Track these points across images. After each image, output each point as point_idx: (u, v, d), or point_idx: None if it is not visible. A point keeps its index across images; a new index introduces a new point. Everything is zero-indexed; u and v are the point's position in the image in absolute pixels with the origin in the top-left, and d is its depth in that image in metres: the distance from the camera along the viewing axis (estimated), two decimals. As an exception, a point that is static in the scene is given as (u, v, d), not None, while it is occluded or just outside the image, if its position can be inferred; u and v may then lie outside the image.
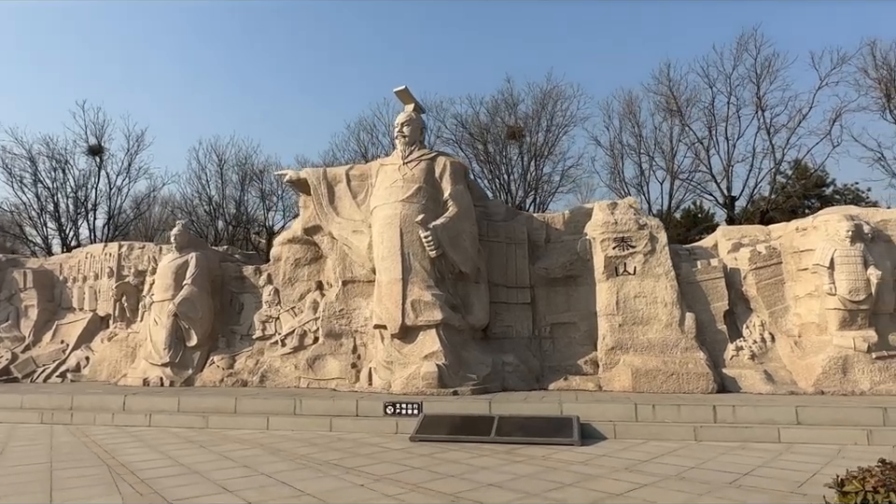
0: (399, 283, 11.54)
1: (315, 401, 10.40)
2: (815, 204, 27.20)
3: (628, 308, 12.21)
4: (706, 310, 12.36)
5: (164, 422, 10.39)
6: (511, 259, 13.21)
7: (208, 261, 14.26)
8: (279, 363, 13.38)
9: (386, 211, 11.92)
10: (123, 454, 7.91)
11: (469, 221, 12.23)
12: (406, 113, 12.71)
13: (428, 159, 12.33)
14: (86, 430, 9.98)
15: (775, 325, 12.27)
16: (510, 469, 6.85)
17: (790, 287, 12.43)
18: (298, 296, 14.01)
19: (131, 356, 15.14)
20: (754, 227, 14.04)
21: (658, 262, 12.31)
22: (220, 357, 13.64)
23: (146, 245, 16.99)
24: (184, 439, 9.05)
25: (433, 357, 11.16)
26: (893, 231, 12.08)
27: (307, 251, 14.15)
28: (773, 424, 8.70)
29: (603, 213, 12.82)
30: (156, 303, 13.90)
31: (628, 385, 11.32)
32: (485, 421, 9.10)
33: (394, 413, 9.88)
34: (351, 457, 7.60)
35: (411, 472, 6.74)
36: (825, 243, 11.57)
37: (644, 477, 6.39)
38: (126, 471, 6.87)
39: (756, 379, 11.21)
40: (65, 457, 7.71)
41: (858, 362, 10.90)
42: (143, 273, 16.44)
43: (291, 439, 8.96)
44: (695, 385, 11.02)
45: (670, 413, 9.16)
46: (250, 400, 10.67)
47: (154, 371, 13.35)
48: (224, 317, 14.40)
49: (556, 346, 12.97)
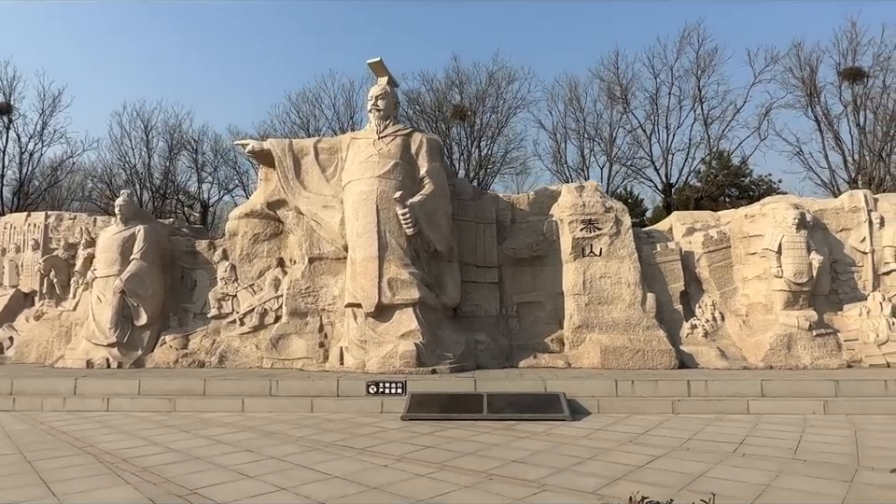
0: (375, 260, 11.30)
1: (292, 382, 10.05)
2: (734, 193, 29.22)
3: (594, 288, 12.64)
4: (664, 290, 13.00)
5: (125, 406, 9.67)
6: (480, 238, 13.26)
7: (157, 235, 13.29)
8: (238, 343, 12.77)
9: (361, 187, 11.59)
10: (100, 441, 7.30)
11: (444, 199, 12.14)
12: (380, 86, 12.34)
13: (404, 134, 12.07)
14: (37, 417, 9.11)
15: (725, 305, 13.13)
16: (521, 445, 6.95)
17: (738, 269, 13.31)
18: (257, 273, 13.38)
19: (65, 336, 13.93)
20: (705, 212, 14.89)
21: (622, 244, 12.79)
22: (172, 337, 12.83)
23: (77, 216, 15.60)
24: (158, 423, 8.47)
25: (410, 336, 11.06)
26: (828, 220, 13.21)
27: (267, 226, 13.51)
28: (741, 396, 9.35)
29: (571, 195, 13.12)
30: (99, 279, 12.80)
31: (597, 362, 11.75)
32: (474, 399, 9.15)
33: (377, 392, 9.72)
34: (352, 438, 7.42)
35: (425, 451, 6.68)
36: (774, 229, 12.45)
37: (652, 449, 6.68)
38: (117, 459, 6.35)
39: (711, 355, 11.97)
40: (34, 446, 7.02)
41: (800, 339, 11.89)
42: (74, 247, 15.09)
43: (276, 421, 8.62)
44: (659, 362, 11.61)
45: (648, 388, 9.61)
46: (220, 382, 10.14)
47: (98, 352, 12.35)
48: (175, 295, 13.51)
49: (522, 325, 13.21)
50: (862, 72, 22.78)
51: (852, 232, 13.14)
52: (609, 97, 24.95)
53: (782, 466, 5.93)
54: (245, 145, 13.32)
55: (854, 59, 22.89)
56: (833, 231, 13.15)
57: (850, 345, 11.97)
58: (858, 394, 9.31)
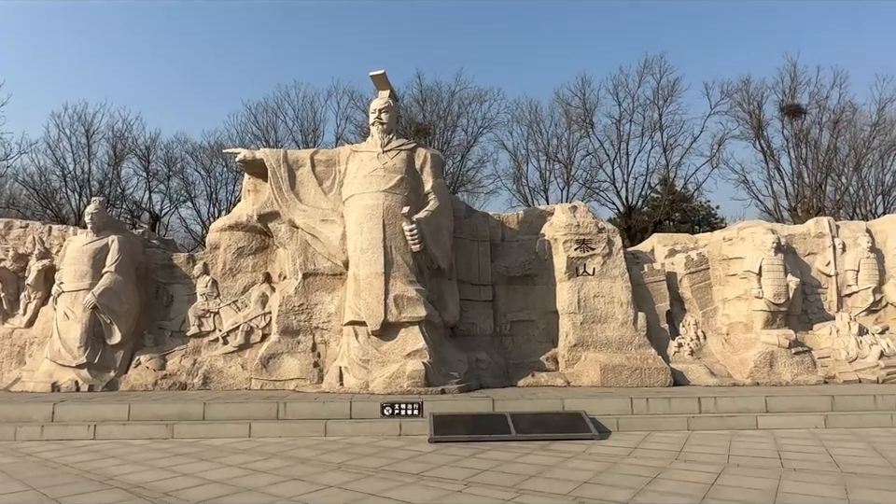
0: (380, 277, 10.96)
1: (300, 404, 9.50)
2: (677, 217, 30.76)
3: (588, 307, 12.83)
4: (651, 310, 13.39)
5: (116, 433, 8.81)
6: (475, 256, 13.19)
7: (131, 246, 12.32)
8: (222, 363, 11.99)
9: (366, 201, 11.25)
10: (118, 474, 6.58)
11: (447, 216, 12.00)
12: (383, 99, 12.10)
13: (409, 149, 11.87)
14: (14, 447, 8.12)
15: (706, 324, 13.67)
16: (576, 466, 6.86)
17: (718, 290, 13.93)
18: (241, 288, 12.66)
19: (17, 356, 12.57)
20: (683, 235, 15.55)
21: (615, 264, 13.09)
22: (148, 357, 11.86)
23: (29, 224, 14.19)
24: (166, 452, 7.76)
25: (417, 356, 10.77)
26: (797, 244, 14.12)
27: (252, 239, 12.84)
28: (749, 412, 9.70)
29: (565, 215, 13.33)
30: (67, 293, 11.66)
31: (597, 380, 11.88)
32: (498, 419, 9.00)
33: (392, 414, 9.36)
34: (397, 463, 7.08)
35: (485, 475, 6.46)
36: (754, 252, 13.14)
37: (705, 466, 6.77)
38: (158, 494, 5.73)
39: (701, 373, 12.40)
40: (46, 482, 6.22)
41: (781, 357, 12.54)
42: (24, 258, 13.69)
43: (297, 446, 8.10)
44: (655, 379, 11.88)
45: (662, 406, 9.79)
46: (222, 405, 9.44)
47: (65, 374, 11.21)
48: (150, 311, 12.53)
49: (516, 343, 13.21)
50: (801, 109, 24.86)
51: (818, 256, 14.10)
52: (574, 121, 25.81)
53: (841, 479, 6.15)
54: (234, 153, 12.64)
55: (793, 96, 24.99)
56: (801, 255, 14.05)
57: (824, 362, 12.75)
58: (852, 409, 9.89)
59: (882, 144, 24.27)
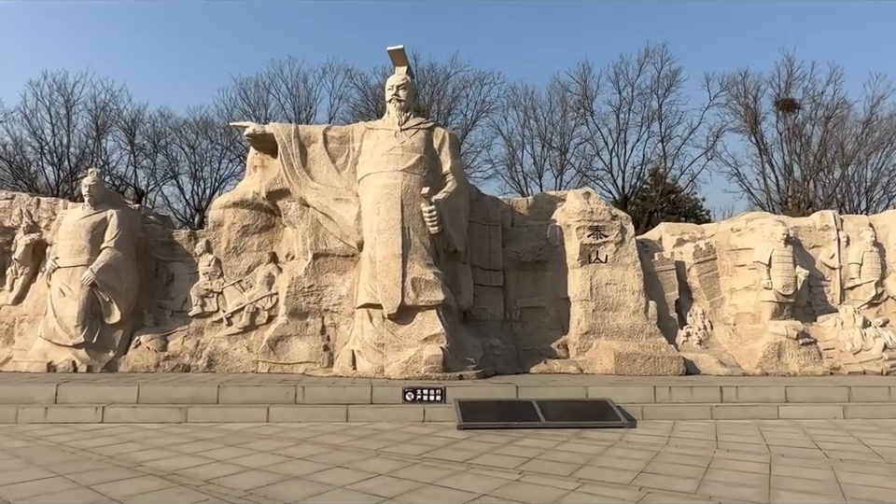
0: (398, 259, 10.63)
1: (319, 389, 9.16)
2: (666, 207, 30.98)
3: (600, 294, 12.72)
4: (661, 299, 13.36)
5: (125, 416, 8.36)
6: (487, 240, 12.93)
7: (130, 221, 11.73)
8: (226, 345, 11.55)
9: (384, 180, 10.88)
10: (145, 459, 6.18)
11: (465, 198, 11.71)
12: (401, 76, 11.69)
13: (427, 128, 11.51)
14: (20, 431, 7.64)
15: (714, 314, 13.71)
16: (621, 454, 6.71)
17: (725, 280, 13.96)
18: (245, 268, 12.19)
19: (5, 334, 11.92)
20: (690, 224, 15.54)
21: (627, 252, 12.99)
22: (149, 338, 11.35)
23: (16, 196, 13.43)
24: (187, 437, 7.37)
25: (435, 340, 10.51)
26: (802, 237, 14.21)
27: (257, 217, 12.36)
28: (769, 402, 9.70)
29: (579, 201, 13.15)
30: (63, 269, 11.04)
31: (610, 368, 11.79)
32: (525, 406, 8.82)
33: (414, 399, 9.11)
34: (436, 450, 6.83)
35: (534, 463, 6.25)
36: (764, 243, 13.17)
37: (751, 456, 6.68)
38: (198, 481, 5.37)
39: (711, 362, 12.41)
40: (70, 467, 5.79)
41: (789, 348, 12.63)
42: (11, 231, 13.00)
43: (322, 431, 7.79)
44: (668, 368, 11.84)
45: (684, 395, 9.73)
46: (236, 389, 9.05)
47: (61, 354, 10.64)
48: (150, 290, 11.98)
49: (526, 330, 13.03)
50: (795, 103, 25.14)
51: (823, 249, 14.23)
52: (572, 107, 25.66)
53: (892, 469, 6.12)
54: (242, 127, 12.09)
55: (788, 91, 25.27)
56: (806, 248, 14.16)
57: (829, 354, 12.90)
58: (868, 400, 9.97)
59: (871, 142, 24.79)
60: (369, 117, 24.90)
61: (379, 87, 25.89)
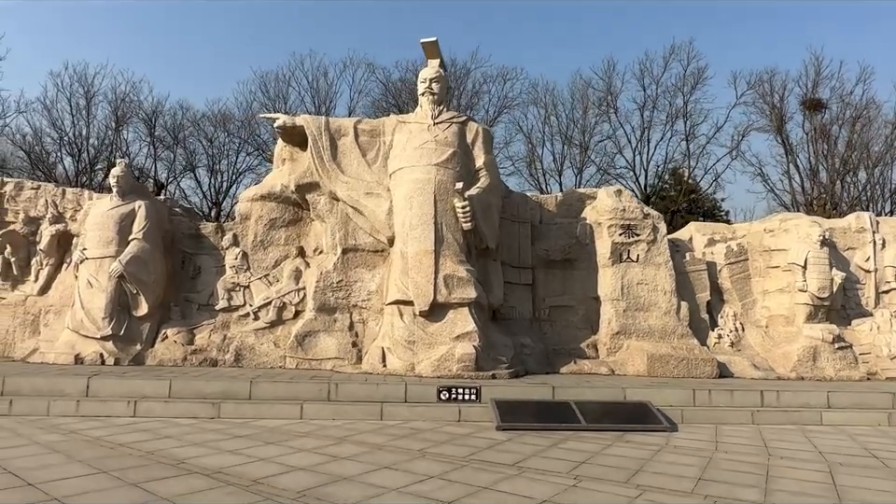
0: (430, 255, 10.44)
1: (353, 386, 8.99)
2: (686, 207, 30.61)
3: (631, 294, 12.49)
4: (692, 299, 13.09)
5: (157, 411, 8.23)
6: (516, 237, 12.71)
7: (158, 213, 11.60)
8: (253, 339, 11.41)
9: (417, 174, 10.68)
10: (187, 456, 6.03)
11: (497, 194, 11.51)
12: (434, 68, 11.48)
13: (460, 122, 11.30)
14: (54, 424, 7.51)
15: (745, 316, 13.43)
16: (672, 460, 6.51)
17: (757, 281, 13.67)
18: (272, 262, 12.03)
19: (30, 325, 11.86)
20: (721, 224, 15.27)
21: (659, 252, 12.74)
22: (176, 331, 11.22)
23: (42, 186, 13.37)
24: (223, 433, 7.22)
25: (467, 338, 10.31)
26: (837, 238, 13.88)
27: (285, 211, 12.20)
28: (811, 408, 9.45)
29: (611, 199, 12.91)
30: (90, 261, 10.92)
31: (643, 370, 11.55)
32: (563, 407, 8.63)
33: (449, 398, 8.93)
34: (480, 451, 6.65)
35: (587, 468, 6.06)
36: (799, 244, 12.88)
37: (806, 464, 6.46)
38: (246, 481, 5.21)
39: (744, 365, 12.15)
40: (112, 463, 5.65)
41: (824, 352, 12.33)
42: (36, 221, 12.95)
43: (359, 430, 7.62)
44: (702, 371, 11.59)
45: (724, 398, 9.50)
46: (268, 385, 8.90)
47: (89, 346, 10.53)
48: (176, 283, 11.85)
49: (555, 329, 12.81)
50: (821, 103, 24.73)
51: (857, 252, 13.90)
52: (595, 104, 25.38)
53: (960, 482, 5.89)
54: (272, 119, 11.92)
55: (815, 91, 24.85)
56: (840, 250, 13.84)
57: (865, 358, 12.59)
58: (913, 406, 9.71)
59: (899, 143, 24.34)
60: (389, 111, 24.70)
61: (400, 81, 25.78)
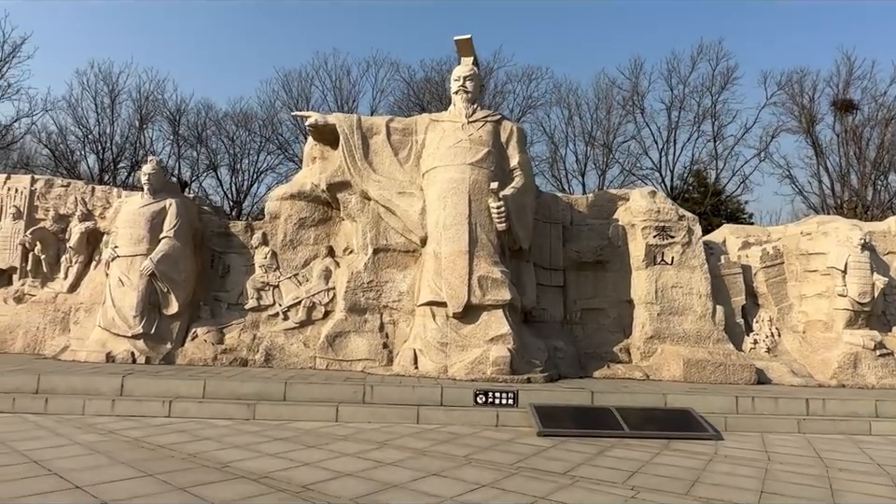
0: (464, 256, 10.26)
1: (387, 388, 8.84)
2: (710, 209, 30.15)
3: (666, 297, 12.22)
4: (727, 304, 12.78)
5: (192, 411, 8.13)
6: (547, 238, 12.50)
7: (188, 211, 11.52)
8: (283, 339, 11.29)
9: (451, 174, 10.51)
10: (230, 459, 5.90)
11: (531, 194, 11.32)
12: (468, 66, 11.31)
13: (494, 121, 11.12)
14: (90, 423, 7.43)
15: (781, 320, 13.10)
16: (727, 470, 6.27)
17: (793, 286, 13.33)
18: (301, 261, 11.93)
19: (60, 322, 11.84)
20: (754, 227, 14.96)
21: (694, 254, 12.46)
22: (206, 330, 11.13)
23: (71, 183, 13.38)
24: (261, 435, 7.09)
25: (501, 341, 10.12)
26: (876, 242, 13.51)
27: (314, 210, 12.09)
28: (859, 417, 9.15)
29: (645, 200, 12.65)
30: (122, 258, 10.86)
31: (678, 375, 11.29)
32: (603, 413, 8.41)
33: (485, 402, 8.75)
34: (526, 458, 6.46)
35: (639, 478, 5.84)
36: (839, 248, 12.52)
37: (871, 477, 6.21)
38: (296, 487, 5.07)
39: (783, 371, 11.84)
40: (156, 466, 5.53)
41: (865, 358, 11.97)
42: (65, 219, 12.98)
43: (399, 434, 7.46)
44: (740, 377, 11.30)
45: (768, 406, 9.22)
46: (303, 386, 8.77)
47: (120, 344, 10.47)
48: (206, 281, 11.78)
49: (586, 332, 12.57)
50: (853, 104, 24.22)
51: (898, 256, 13.52)
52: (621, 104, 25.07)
53: None
54: (304, 117, 11.82)
55: (846, 91, 24.34)
56: (880, 254, 13.46)
57: (908, 366, 12.22)
58: (966, 417, 9.37)
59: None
60: (411, 111, 24.55)
61: (424, 81, 25.61)
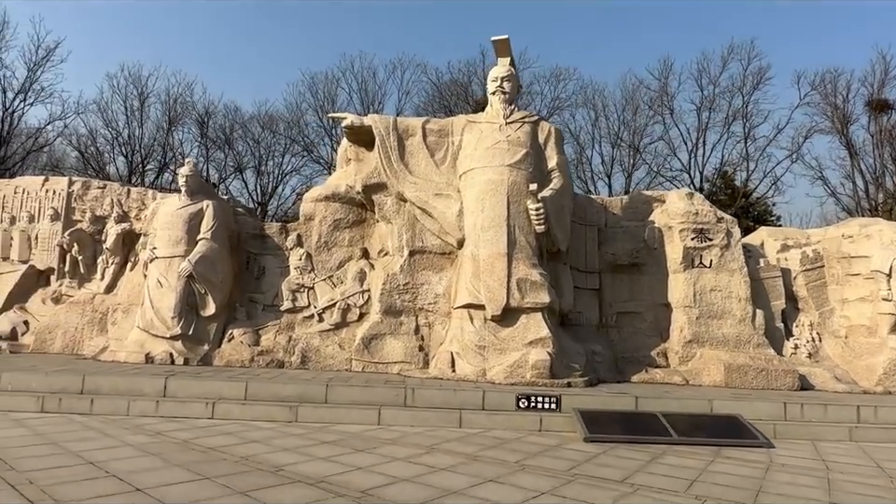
0: (503, 258, 10.16)
1: (429, 392, 8.77)
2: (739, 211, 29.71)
3: (704, 301, 12.01)
4: (766, 307, 12.54)
5: (235, 413, 8.12)
6: (583, 240, 12.35)
7: (224, 213, 11.58)
8: (318, 341, 11.28)
9: (489, 175, 10.43)
10: (279, 462, 5.85)
11: (569, 196, 11.20)
12: (505, 67, 11.22)
13: (532, 122, 11.02)
14: (138, 424, 7.44)
15: (822, 325, 12.81)
16: (788, 479, 6.09)
17: (834, 289, 13.03)
18: (336, 263, 11.92)
19: (98, 323, 11.95)
20: (793, 229, 14.67)
21: (733, 257, 12.24)
22: (242, 332, 11.17)
23: (107, 185, 13.52)
24: (311, 439, 7.04)
25: (541, 344, 10.00)
26: (920, 245, 13.14)
27: (349, 212, 12.08)
28: (913, 425, 8.89)
29: (683, 202, 12.47)
30: (160, 260, 10.94)
31: (719, 380, 11.08)
32: (650, 419, 8.26)
33: (528, 406, 8.63)
34: (579, 465, 6.33)
35: (701, 486, 5.69)
36: (883, 251, 12.20)
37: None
38: (352, 491, 5.00)
39: (826, 377, 11.56)
40: (213, 470, 5.50)
41: (911, 364, 11.67)
42: (101, 220, 13.11)
43: (445, 438, 7.38)
44: (782, 382, 11.05)
45: (817, 413, 8.99)
46: (344, 389, 8.73)
47: (159, 345, 10.53)
48: (241, 283, 11.83)
49: (622, 336, 12.40)
50: (888, 104, 23.73)
51: (943, 259, 13.13)
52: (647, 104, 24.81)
53: None
54: (340, 118, 11.81)
55: (882, 91, 23.87)
56: (924, 257, 13.09)
57: (956, 373, 11.87)
58: None
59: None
60: (437, 112, 24.52)
61: (452, 83, 25.56)
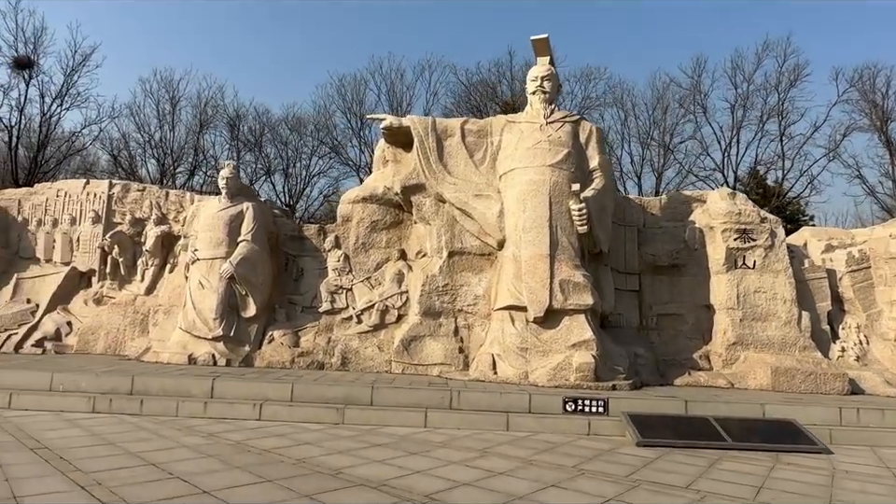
0: (545, 259, 10.05)
1: (475, 394, 8.68)
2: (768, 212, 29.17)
3: (748, 303, 11.76)
4: (811, 309, 12.24)
5: (282, 414, 8.12)
6: (622, 241, 12.17)
7: (263, 215, 11.63)
8: (357, 343, 11.27)
9: (530, 175, 10.33)
10: (336, 465, 5.82)
11: (611, 196, 11.04)
12: (545, 66, 11.11)
13: (573, 121, 10.89)
14: (188, 425, 7.48)
15: (870, 327, 12.47)
16: (857, 487, 5.91)
17: (882, 291, 12.67)
18: (373, 265, 11.89)
19: (140, 324, 12.08)
20: (837, 229, 14.34)
21: (777, 258, 11.97)
22: (282, 333, 11.20)
23: (146, 188, 13.69)
24: (362, 441, 7.00)
25: (584, 347, 9.87)
26: (969, 245, 12.74)
27: (386, 213, 12.06)
28: (975, 431, 8.59)
29: (725, 202, 12.23)
30: (202, 261, 11.03)
31: (766, 384, 10.83)
32: (701, 423, 8.08)
33: (574, 409, 8.51)
34: (637, 470, 6.20)
35: (769, 494, 5.54)
36: (934, 251, 11.88)
37: None
38: (416, 495, 4.95)
39: (876, 381, 11.24)
40: (272, 472, 5.48)
41: (966, 368, 11.32)
42: (141, 222, 13.26)
43: (496, 442, 7.29)
44: (832, 386, 10.76)
45: (874, 418, 8.73)
46: (389, 391, 8.70)
47: (201, 347, 10.61)
48: (281, 285, 11.87)
49: (662, 338, 12.18)
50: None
51: None
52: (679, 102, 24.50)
53: None
54: (378, 119, 11.80)
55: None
56: (976, 258, 12.70)
57: None
58: None
59: None
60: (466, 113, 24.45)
61: (481, 83, 25.48)
